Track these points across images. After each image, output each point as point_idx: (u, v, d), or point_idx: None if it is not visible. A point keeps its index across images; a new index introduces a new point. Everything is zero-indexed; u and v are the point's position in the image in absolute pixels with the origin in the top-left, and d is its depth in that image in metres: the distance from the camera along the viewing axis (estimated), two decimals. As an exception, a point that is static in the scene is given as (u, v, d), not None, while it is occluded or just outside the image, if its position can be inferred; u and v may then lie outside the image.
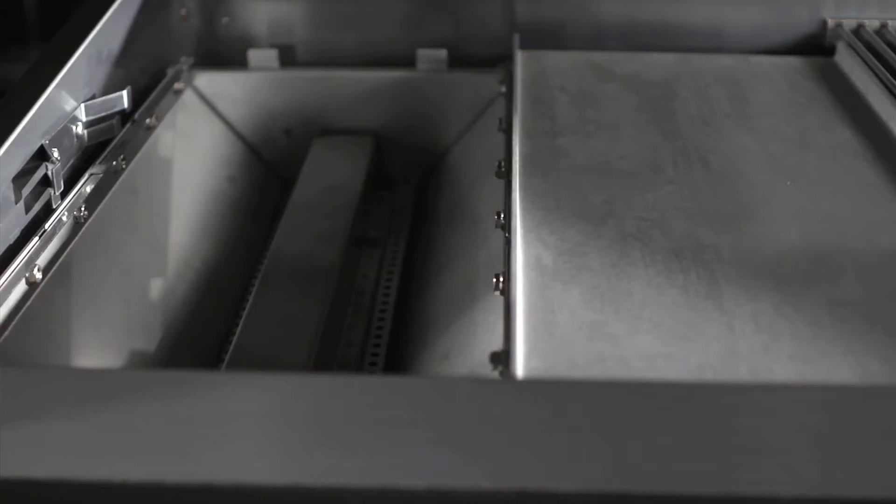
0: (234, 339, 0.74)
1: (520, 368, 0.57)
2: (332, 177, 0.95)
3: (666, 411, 0.51)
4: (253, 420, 0.50)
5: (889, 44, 1.02)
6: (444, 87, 1.03)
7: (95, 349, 0.76)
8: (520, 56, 0.99)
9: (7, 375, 0.54)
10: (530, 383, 0.55)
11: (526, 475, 0.48)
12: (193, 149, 1.00)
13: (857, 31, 1.05)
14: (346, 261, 0.86)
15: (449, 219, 0.97)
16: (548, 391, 0.54)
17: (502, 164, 0.83)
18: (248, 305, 0.78)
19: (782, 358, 0.59)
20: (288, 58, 1.06)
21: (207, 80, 1.04)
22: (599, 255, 0.68)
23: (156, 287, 0.86)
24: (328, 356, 0.78)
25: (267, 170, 1.06)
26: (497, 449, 0.49)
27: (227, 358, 0.73)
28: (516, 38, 1.01)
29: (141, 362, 0.78)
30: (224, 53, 1.07)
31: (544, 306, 0.63)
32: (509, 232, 0.69)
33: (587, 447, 0.49)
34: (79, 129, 0.82)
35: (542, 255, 0.68)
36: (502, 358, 0.60)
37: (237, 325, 0.78)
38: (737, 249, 0.69)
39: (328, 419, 0.50)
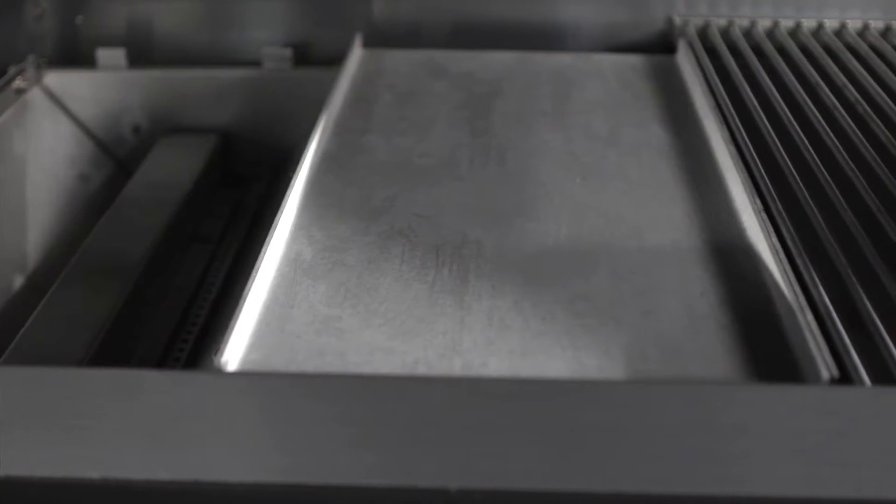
0: (19, 334, 0.74)
1: (233, 362, 0.58)
2: (165, 174, 0.96)
3: (346, 405, 0.52)
4: None
5: (730, 42, 1.03)
6: (289, 85, 1.04)
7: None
8: (356, 55, 1.00)
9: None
10: (233, 376, 0.56)
11: (203, 466, 0.49)
12: (40, 147, 1.01)
13: (704, 30, 1.05)
14: (162, 257, 0.86)
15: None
16: (248, 384, 0.54)
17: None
18: (43, 301, 0.79)
19: (501, 352, 0.59)
20: (140, 57, 1.07)
21: (57, 79, 1.04)
22: (360, 251, 0.69)
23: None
24: (123, 352, 0.78)
25: (118, 168, 1.07)
26: (181, 440, 0.50)
27: (5, 354, 0.73)
28: (358, 37, 1.02)
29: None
30: (79, 52, 1.08)
31: (286, 301, 0.63)
32: (273, 228, 0.69)
33: (274, 438, 0.50)
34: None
35: (303, 251, 0.69)
36: (221, 351, 0.60)
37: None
38: (500, 245, 0.69)
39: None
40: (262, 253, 0.65)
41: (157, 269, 0.85)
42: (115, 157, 1.07)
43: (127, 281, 0.80)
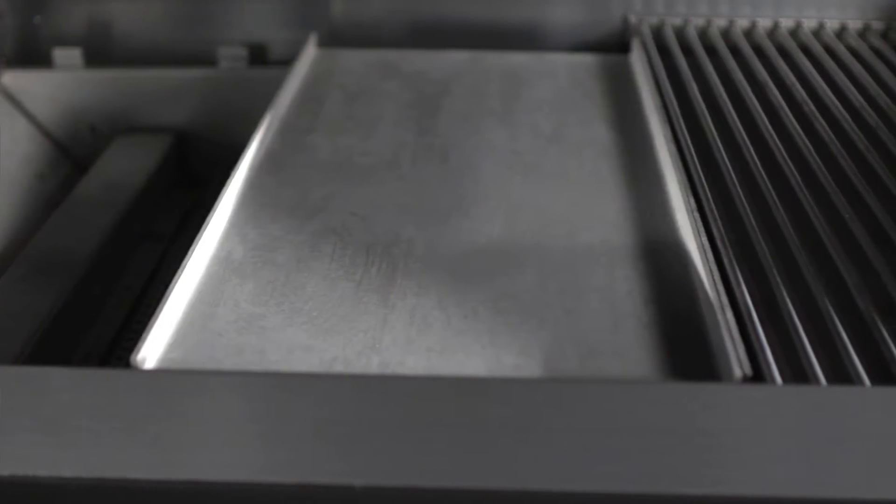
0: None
1: (152, 360, 0.58)
2: (118, 173, 0.96)
3: (252, 402, 0.52)
4: None
5: (684, 42, 1.03)
6: (245, 84, 1.04)
7: None
8: (309, 54, 1.00)
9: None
10: (143, 373, 0.56)
11: (106, 462, 0.49)
12: (-4, 146, 1.01)
13: (659, 29, 1.06)
14: (111, 254, 0.87)
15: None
16: (157, 381, 0.55)
17: None
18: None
19: (420, 350, 0.59)
20: (97, 56, 1.07)
21: (14, 79, 1.04)
22: (291, 250, 0.69)
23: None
24: (65, 349, 0.79)
25: (76, 167, 1.07)
26: (87, 437, 0.50)
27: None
28: (313, 37, 1.02)
29: None
30: (37, 52, 1.08)
31: (212, 300, 0.64)
32: (203, 228, 0.69)
33: (178, 436, 0.50)
34: None
35: (235, 250, 0.69)
36: (137, 349, 0.61)
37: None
38: (431, 244, 0.69)
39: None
40: (189, 252, 0.66)
41: (104, 267, 0.86)
42: (73, 156, 1.07)
43: (71, 278, 0.80)
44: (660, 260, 0.68)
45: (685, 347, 0.60)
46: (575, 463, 0.49)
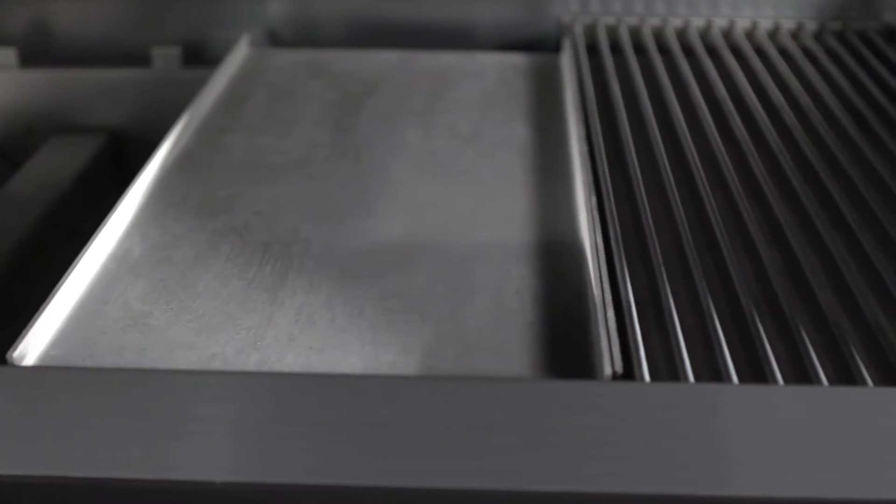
0: None
1: (32, 356, 0.58)
2: (48, 172, 0.97)
3: (119, 399, 0.53)
4: None
5: (614, 41, 1.03)
6: (178, 84, 1.04)
7: None
8: (239, 54, 1.00)
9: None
10: (18, 369, 0.57)
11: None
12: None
13: (593, 28, 1.06)
14: (35, 252, 0.87)
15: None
16: (31, 377, 0.55)
17: None
18: None
19: (301, 348, 0.59)
20: (33, 57, 1.07)
21: (-51, 79, 1.05)
22: (189, 249, 0.69)
23: None
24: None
25: (12, 168, 1.07)
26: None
27: None
28: (245, 36, 1.03)
29: None
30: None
31: (102, 298, 0.64)
32: (101, 227, 0.70)
33: (46, 433, 0.51)
34: None
35: (133, 248, 0.69)
36: (15, 345, 0.61)
37: None
38: (329, 243, 0.70)
39: None
40: (83, 251, 0.66)
41: (27, 264, 0.86)
42: (9, 157, 1.07)
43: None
44: (555, 258, 0.68)
45: (567, 345, 0.60)
46: (431, 459, 0.49)
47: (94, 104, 1.05)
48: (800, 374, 0.57)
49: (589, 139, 0.81)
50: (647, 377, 0.56)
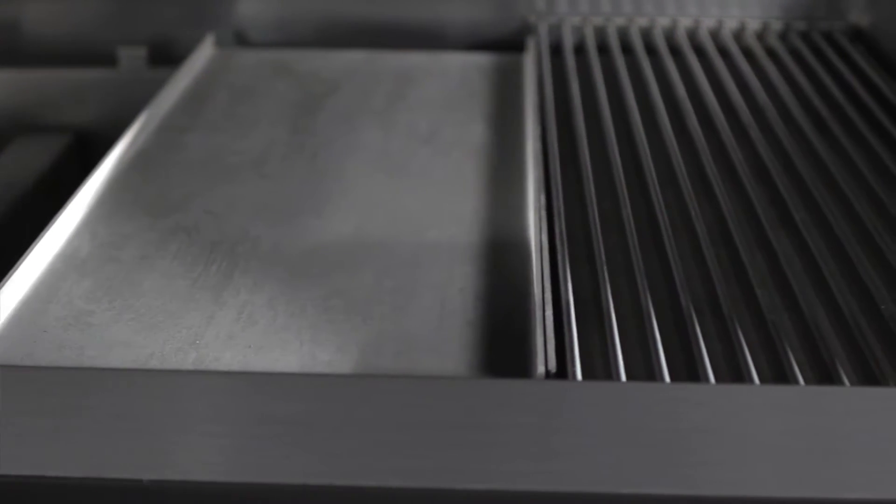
0: None
1: (-30, 356, 0.59)
2: (10, 173, 0.97)
3: (46, 397, 0.53)
4: None
5: (578, 41, 1.03)
6: (145, 84, 1.04)
7: None
8: (203, 54, 1.01)
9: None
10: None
11: None
12: None
13: (558, 28, 1.06)
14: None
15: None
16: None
17: None
18: None
19: (239, 347, 0.60)
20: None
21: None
22: (137, 248, 0.69)
23: None
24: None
25: (-21, 168, 1.08)
26: None
27: None
28: (210, 36, 1.03)
29: None
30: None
31: (47, 296, 0.64)
32: (49, 225, 0.70)
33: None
34: None
35: (82, 247, 0.70)
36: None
37: None
38: (278, 243, 0.70)
39: None
40: (29, 249, 0.66)
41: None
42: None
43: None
44: (501, 258, 0.69)
45: (506, 344, 0.60)
46: (357, 458, 0.49)
47: (60, 104, 1.06)
48: (734, 372, 0.58)
49: (544, 139, 0.82)
50: (579, 376, 0.56)
